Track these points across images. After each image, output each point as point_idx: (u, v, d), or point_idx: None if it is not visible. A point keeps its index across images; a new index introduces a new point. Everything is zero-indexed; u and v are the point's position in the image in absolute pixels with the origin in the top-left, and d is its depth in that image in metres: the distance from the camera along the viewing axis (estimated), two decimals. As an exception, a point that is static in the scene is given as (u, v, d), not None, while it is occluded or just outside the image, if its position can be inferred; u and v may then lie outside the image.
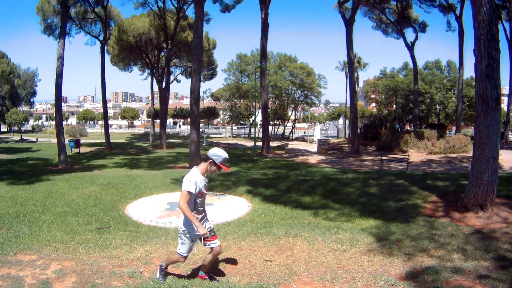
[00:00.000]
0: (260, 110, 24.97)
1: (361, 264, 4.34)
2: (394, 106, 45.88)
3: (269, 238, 5.34)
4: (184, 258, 3.81)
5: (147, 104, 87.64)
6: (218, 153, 3.65)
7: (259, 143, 24.80)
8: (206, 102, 51.84)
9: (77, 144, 23.40)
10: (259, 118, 31.21)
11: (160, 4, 27.45)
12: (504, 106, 33.41)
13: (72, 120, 75.62)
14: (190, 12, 28.40)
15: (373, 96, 49.41)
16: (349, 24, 21.84)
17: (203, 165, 3.71)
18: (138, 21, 29.31)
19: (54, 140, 20.30)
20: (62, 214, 6.71)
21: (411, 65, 33.36)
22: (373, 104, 52.41)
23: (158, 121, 33.00)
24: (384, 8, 29.35)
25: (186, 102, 68.29)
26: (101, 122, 51.76)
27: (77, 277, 3.98)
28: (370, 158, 19.78)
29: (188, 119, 26.91)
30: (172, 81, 37.61)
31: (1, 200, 7.69)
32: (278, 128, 48.22)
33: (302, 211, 7.02)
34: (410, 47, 29.24)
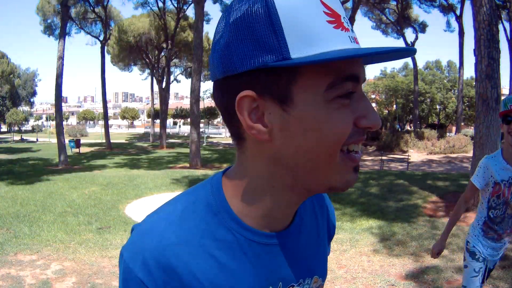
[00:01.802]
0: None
1: (361, 264, 4.34)
2: (394, 106, 45.89)
3: (269, 238, 5.33)
4: None
5: (147, 104, 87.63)
6: None
7: (259, 143, 24.73)
8: (206, 102, 51.87)
9: (77, 144, 23.39)
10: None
11: (160, 4, 27.48)
12: (504, 106, 33.30)
13: (72, 120, 75.63)
14: (190, 12, 28.47)
15: (373, 96, 49.44)
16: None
17: None
18: (138, 21, 29.31)
19: (54, 140, 20.31)
20: (62, 214, 6.71)
21: (411, 65, 33.40)
22: (373, 104, 52.43)
23: (158, 121, 32.98)
24: (384, 8, 29.36)
25: (186, 102, 68.29)
26: (101, 122, 51.79)
27: (77, 277, 3.98)
28: (370, 158, 19.78)
29: (188, 119, 26.92)
30: (172, 81, 37.60)
31: (1, 200, 7.69)
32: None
33: (302, 211, 7.02)
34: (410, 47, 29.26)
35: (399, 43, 30.84)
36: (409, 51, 0.46)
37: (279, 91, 0.42)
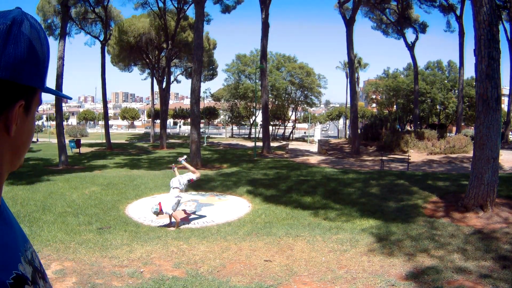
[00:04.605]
0: (261, 111, 24.95)
1: (362, 264, 4.33)
2: (395, 106, 45.85)
3: (270, 238, 5.34)
4: None
5: (147, 104, 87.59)
6: None
7: (260, 144, 24.80)
8: (206, 102, 51.85)
9: (78, 144, 23.40)
10: (259, 119, 31.16)
11: (161, 5, 27.46)
12: (504, 106, 33.39)
13: (73, 121, 75.62)
14: (191, 12, 28.42)
15: (373, 96, 49.38)
16: (349, 24, 21.85)
17: None
18: (138, 21, 29.32)
19: (55, 141, 20.32)
20: (62, 214, 6.71)
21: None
22: (374, 105, 52.37)
23: (158, 121, 32.98)
24: (385, 9, 29.35)
25: (186, 102, 68.29)
26: (101, 122, 51.73)
27: (77, 277, 3.98)
28: (370, 158, 19.77)
29: (189, 119, 26.89)
30: (173, 82, 37.59)
31: (1, 200, 7.68)
32: (278, 128, 48.17)
33: (302, 211, 7.02)
34: (411, 47, 29.23)
35: (400, 43, 30.65)
36: (64, 97, 0.71)
37: (29, 104, 0.60)
